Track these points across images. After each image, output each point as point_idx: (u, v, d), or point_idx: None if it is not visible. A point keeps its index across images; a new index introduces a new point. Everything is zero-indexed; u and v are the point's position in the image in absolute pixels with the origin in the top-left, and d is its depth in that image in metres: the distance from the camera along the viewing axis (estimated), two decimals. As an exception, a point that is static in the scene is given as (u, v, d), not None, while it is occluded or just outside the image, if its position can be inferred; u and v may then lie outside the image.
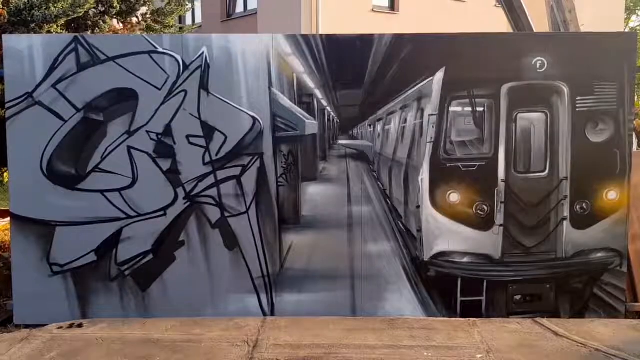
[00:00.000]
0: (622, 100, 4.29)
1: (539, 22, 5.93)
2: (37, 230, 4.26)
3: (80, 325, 4.14)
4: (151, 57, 4.24)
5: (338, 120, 4.43)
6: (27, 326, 4.21)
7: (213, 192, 4.31)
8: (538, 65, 4.27)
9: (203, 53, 4.25)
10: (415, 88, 4.33)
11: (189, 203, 4.30)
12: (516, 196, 4.32)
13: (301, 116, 4.34)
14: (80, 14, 5.90)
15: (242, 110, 4.28)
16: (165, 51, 4.25)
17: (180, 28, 10.35)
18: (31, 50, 4.22)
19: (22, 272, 4.29)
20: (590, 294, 4.38)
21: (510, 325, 4.15)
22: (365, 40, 4.31)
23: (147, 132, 4.26)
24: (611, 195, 4.32)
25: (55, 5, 5.54)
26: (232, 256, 4.34)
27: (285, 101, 4.32)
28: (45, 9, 5.51)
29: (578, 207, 4.33)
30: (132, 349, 3.70)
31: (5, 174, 4.95)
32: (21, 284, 4.29)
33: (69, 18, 5.81)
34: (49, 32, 5.73)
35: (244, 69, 4.27)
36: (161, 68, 4.24)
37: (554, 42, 4.35)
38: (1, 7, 5.71)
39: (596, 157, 4.31)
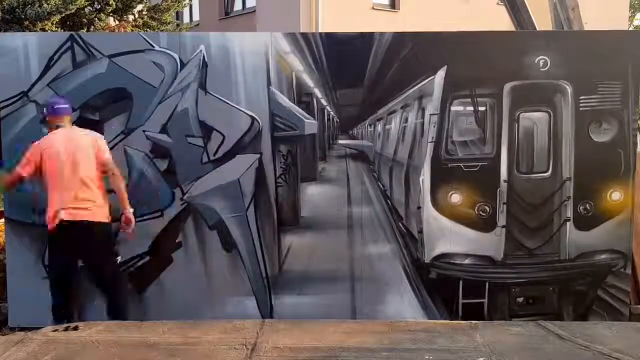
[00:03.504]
0: (626, 100, 4.23)
1: (542, 20, 5.87)
2: (31, 231, 4.20)
3: (76, 328, 4.07)
4: (148, 55, 4.18)
5: (338, 120, 4.38)
6: (22, 329, 4.16)
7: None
8: (541, 63, 4.21)
9: (201, 51, 4.19)
10: (416, 87, 4.27)
11: (186, 204, 4.24)
12: (519, 197, 4.26)
13: (300, 116, 4.29)
14: (73, 11, 5.85)
15: (240, 110, 4.22)
16: (162, 49, 4.19)
17: (178, 25, 10.29)
18: (26, 48, 4.15)
19: (16, 274, 4.23)
20: (593, 296, 4.33)
21: (513, 327, 4.09)
22: (366, 39, 4.25)
23: (144, 131, 4.20)
24: (615, 196, 4.27)
25: (48, 2, 5.48)
26: (230, 258, 4.29)
27: (284, 100, 4.26)
28: (39, 6, 5.46)
29: (581, 208, 4.27)
30: (128, 352, 3.64)
31: (0, 174, 4.89)
32: (16, 286, 4.24)
33: (62, 15, 5.76)
34: (43, 29, 5.69)
35: (242, 67, 4.21)
36: (158, 67, 4.18)
37: (556, 40, 4.29)
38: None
39: (600, 157, 4.25)
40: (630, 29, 24.35)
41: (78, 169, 3.82)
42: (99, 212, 3.87)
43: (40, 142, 3.89)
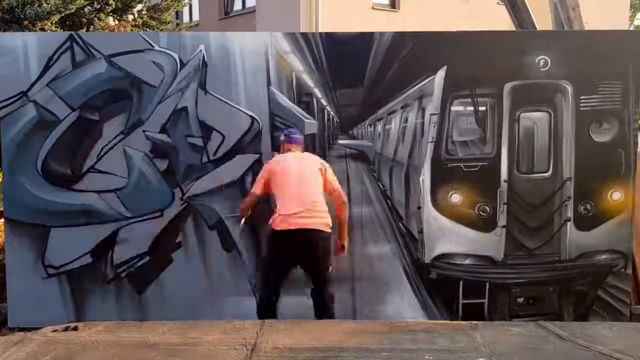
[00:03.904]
0: (626, 99, 4.22)
1: (542, 19, 5.87)
2: (31, 231, 4.19)
3: (75, 328, 4.07)
4: (148, 55, 4.17)
5: (338, 120, 4.37)
6: (21, 329, 4.15)
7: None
8: (541, 63, 4.20)
9: (200, 51, 4.19)
10: (417, 87, 4.27)
11: (186, 204, 4.24)
12: (519, 197, 4.26)
13: (300, 116, 4.28)
14: (72, 10, 5.84)
15: (240, 110, 4.22)
16: (162, 49, 4.18)
17: (177, 24, 10.29)
18: (26, 48, 4.14)
19: (16, 274, 4.22)
20: (594, 296, 4.32)
21: (513, 328, 4.08)
22: (366, 39, 4.25)
23: (144, 131, 4.20)
24: (615, 196, 4.26)
25: (47, 2, 5.48)
26: (230, 258, 4.28)
27: (284, 100, 4.25)
28: (38, 5, 5.45)
29: (582, 208, 4.27)
30: (128, 353, 3.64)
31: (-1, 174, 4.90)
32: (16, 286, 4.23)
33: (62, 15, 5.75)
34: (42, 29, 5.68)
35: (242, 67, 4.20)
36: (158, 66, 4.17)
37: (557, 40, 4.28)
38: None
39: (600, 157, 4.24)
40: (631, 28, 24.32)
41: (304, 184, 3.94)
42: (319, 222, 3.94)
43: (270, 162, 4.06)
